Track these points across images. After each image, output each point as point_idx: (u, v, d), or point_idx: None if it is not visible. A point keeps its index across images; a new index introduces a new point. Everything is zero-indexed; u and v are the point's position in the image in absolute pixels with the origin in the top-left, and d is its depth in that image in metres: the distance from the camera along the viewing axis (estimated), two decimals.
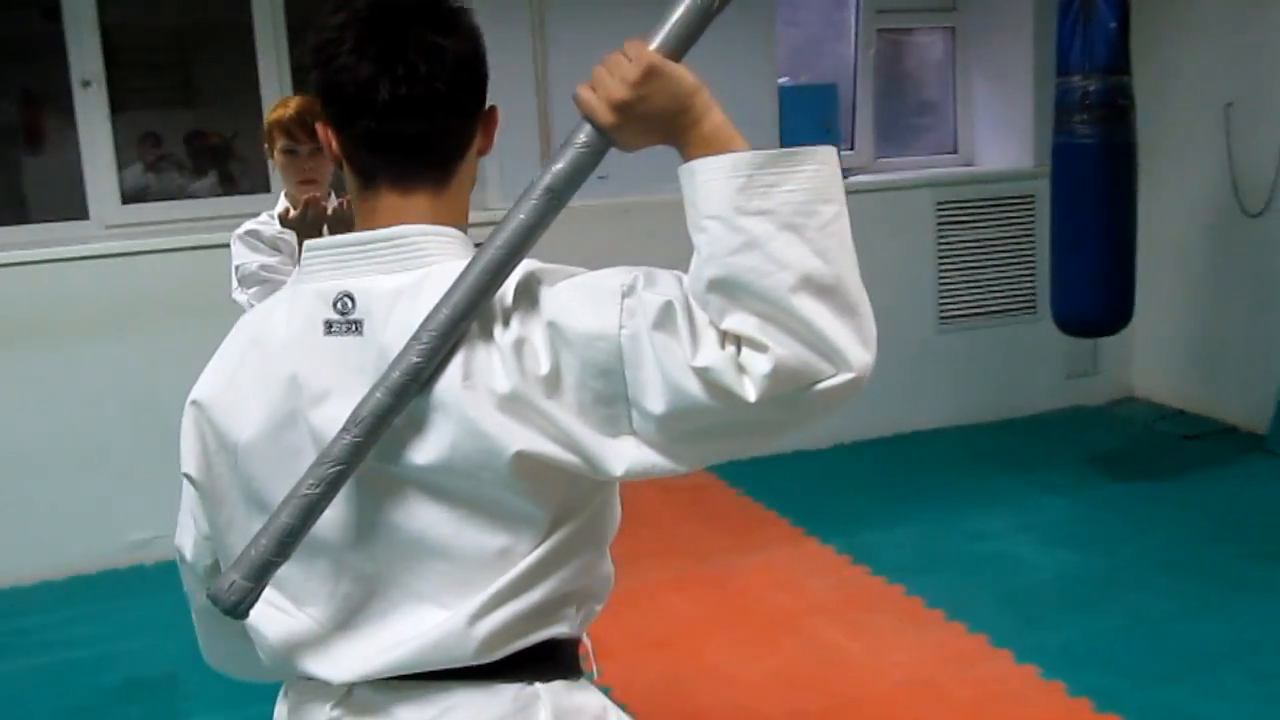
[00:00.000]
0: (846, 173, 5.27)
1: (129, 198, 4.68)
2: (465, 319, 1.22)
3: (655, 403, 1.19)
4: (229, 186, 5.05)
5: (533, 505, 1.26)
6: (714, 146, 1.21)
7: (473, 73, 1.34)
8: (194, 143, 5.11)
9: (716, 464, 4.82)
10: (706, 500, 4.77)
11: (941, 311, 5.50)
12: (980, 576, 3.89)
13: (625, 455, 1.22)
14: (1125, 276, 4.56)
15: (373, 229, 1.31)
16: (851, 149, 5.63)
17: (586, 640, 1.52)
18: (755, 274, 1.16)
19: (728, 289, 1.17)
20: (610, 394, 1.21)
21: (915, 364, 5.45)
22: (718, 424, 1.20)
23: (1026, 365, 5.64)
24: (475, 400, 1.22)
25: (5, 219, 4.59)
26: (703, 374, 1.16)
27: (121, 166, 4.66)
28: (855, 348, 1.17)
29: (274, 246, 2.77)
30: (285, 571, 1.29)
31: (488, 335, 1.23)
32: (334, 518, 1.28)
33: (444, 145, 1.34)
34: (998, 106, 5.74)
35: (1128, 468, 4.91)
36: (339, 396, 1.25)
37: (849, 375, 1.16)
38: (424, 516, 1.27)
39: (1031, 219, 5.52)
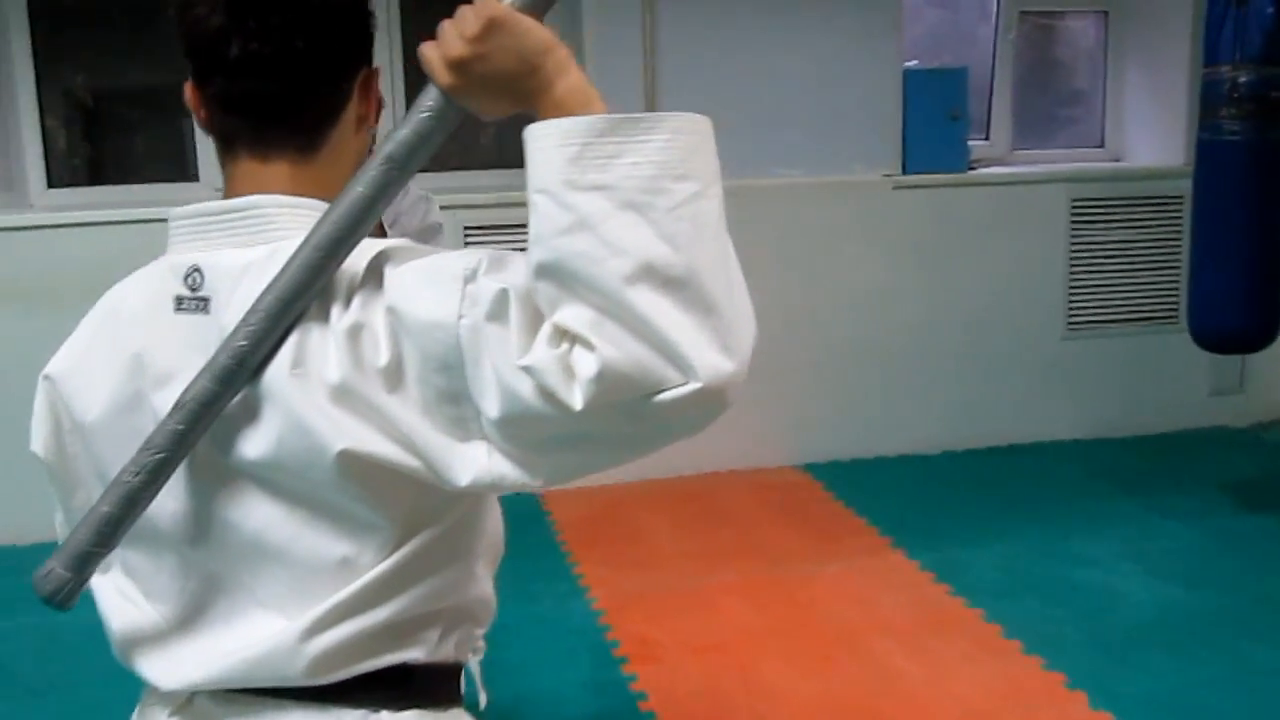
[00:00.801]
0: (975, 164, 4.97)
1: None
2: (296, 301, 1.10)
3: (491, 405, 1.03)
4: None
5: (371, 512, 1.13)
6: (567, 114, 1.03)
7: (340, 29, 1.21)
8: None
9: (801, 464, 4.51)
10: (795, 501, 4.56)
11: (1071, 317, 5.13)
12: (1070, 607, 3.58)
13: (473, 463, 1.06)
14: (1273, 287, 4.14)
15: (231, 198, 1.21)
16: (986, 139, 5.30)
17: (474, 665, 1.38)
18: (585, 259, 0.99)
19: (557, 276, 1.00)
20: (453, 391, 1.06)
21: (1038, 371, 5.11)
22: (561, 434, 1.03)
23: (1164, 379, 5.22)
24: (304, 391, 1.10)
25: None
26: (530, 375, 1.00)
27: None
28: (707, 352, 0.98)
29: None
30: (137, 563, 1.23)
31: (324, 319, 1.11)
32: (173, 510, 1.19)
33: (307, 109, 1.21)
34: (1150, 98, 5.31)
35: (1264, 499, 4.47)
36: (183, 378, 1.14)
37: (695, 386, 0.97)
38: (261, 515, 1.16)
39: (1179, 220, 5.10)
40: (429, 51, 1.09)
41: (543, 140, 1.02)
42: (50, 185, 4.71)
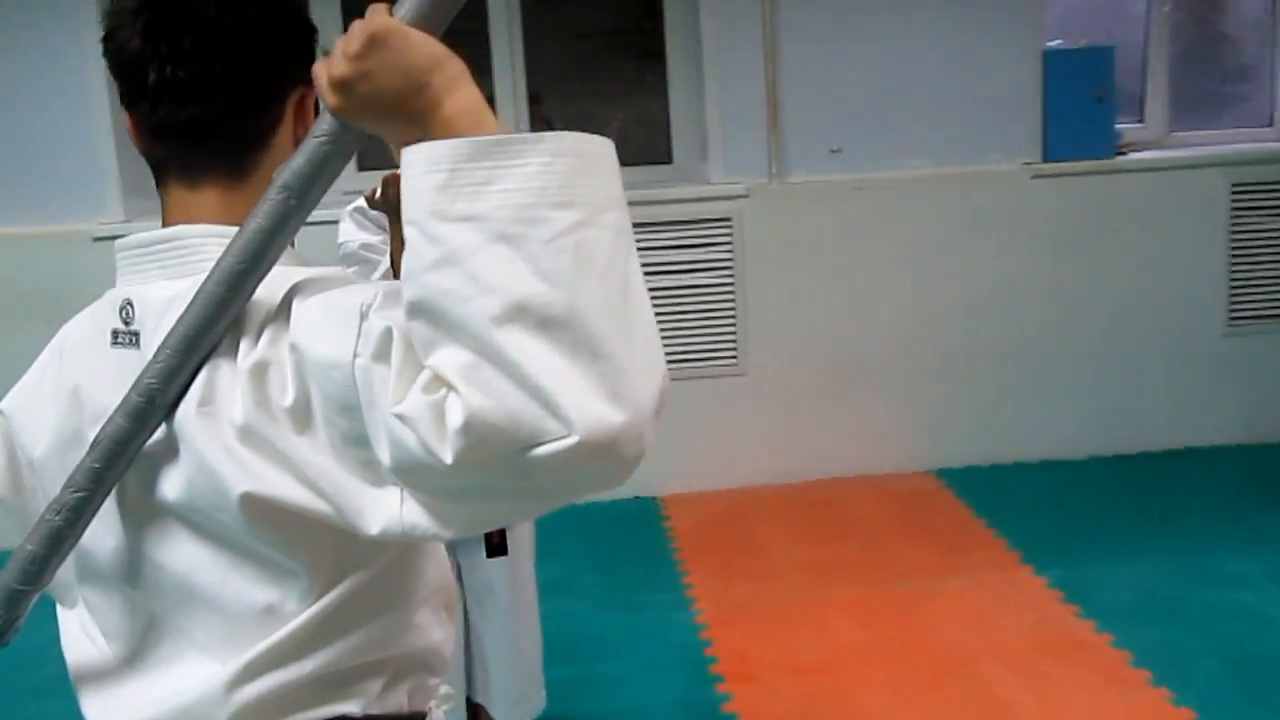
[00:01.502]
0: (1126, 148, 4.65)
1: None
2: (202, 337, 1.05)
3: (383, 453, 0.96)
4: None
5: (286, 558, 1.08)
6: (454, 135, 0.94)
7: (262, 51, 1.15)
8: None
9: (933, 469, 4.27)
10: (923, 509, 4.35)
11: (1233, 311, 4.74)
12: (1211, 635, 3.29)
13: (384, 511, 0.99)
14: None
15: (165, 227, 1.17)
16: (1141, 121, 4.94)
17: (438, 716, 1.30)
18: (453, 298, 0.89)
19: (428, 315, 0.91)
20: (357, 434, 0.99)
21: (1195, 370, 4.75)
22: (454, 486, 0.95)
23: None
24: (210, 430, 1.05)
25: None
26: (404, 424, 0.92)
27: None
28: (589, 402, 0.87)
29: (380, 225, 2.67)
30: (93, 600, 1.22)
31: (232, 356, 1.06)
32: (112, 547, 1.15)
33: (232, 134, 1.15)
34: None
35: None
36: None
37: (573, 440, 0.87)
38: (189, 557, 1.12)
39: None
40: (319, 71, 1.01)
41: (412, 166, 0.93)
42: None
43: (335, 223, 2.75)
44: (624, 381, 0.88)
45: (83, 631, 1.24)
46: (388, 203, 2.49)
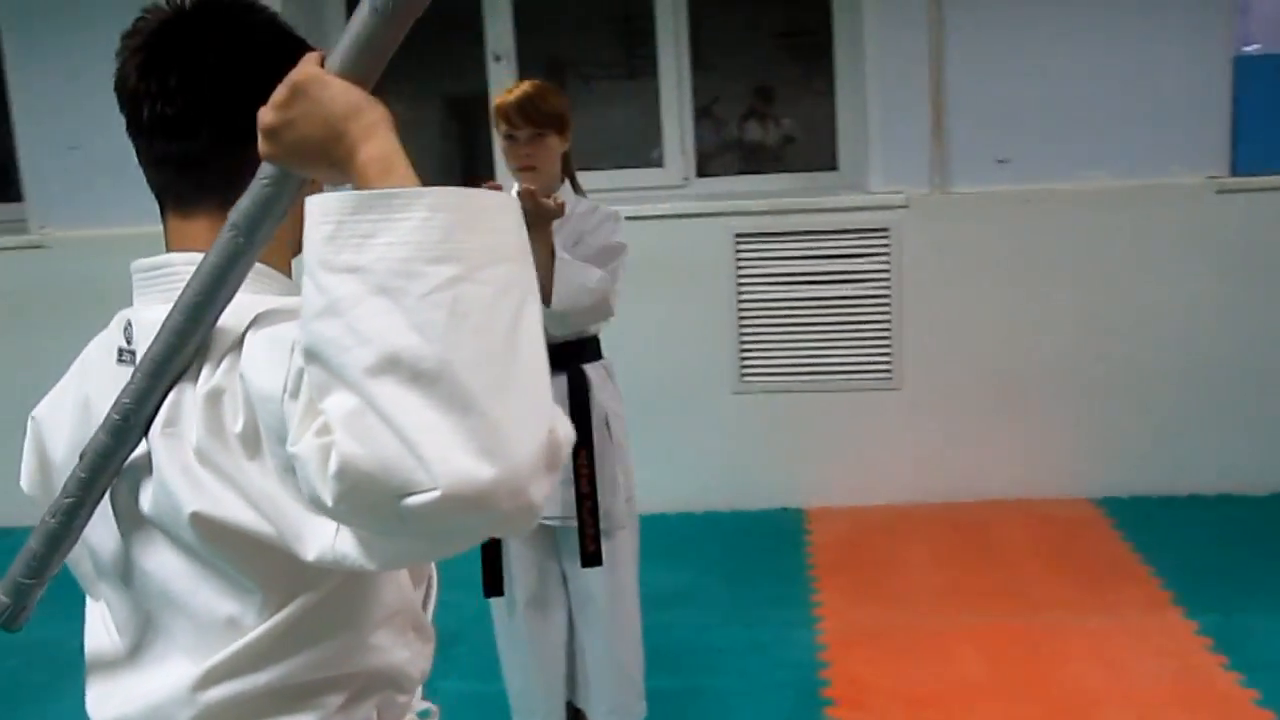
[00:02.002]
0: None
1: None
2: (168, 363, 1.12)
3: (301, 485, 0.99)
4: None
5: (239, 575, 1.14)
6: (364, 185, 0.97)
7: (247, 86, 1.16)
8: None
9: (1094, 497, 4.05)
10: (1075, 539, 4.15)
11: None
12: None
13: (320, 539, 1.03)
14: None
15: (165, 252, 1.25)
16: None
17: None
18: (335, 347, 0.92)
19: (317, 362, 0.94)
20: (290, 465, 1.02)
21: None
22: (355, 524, 0.98)
23: None
24: (172, 450, 1.12)
25: None
26: (298, 463, 0.96)
27: None
28: (456, 455, 0.88)
29: None
30: (106, 595, 1.29)
31: (194, 381, 1.12)
32: (111, 549, 1.24)
33: (219, 167, 1.20)
34: None
35: None
36: None
37: (436, 493, 0.88)
38: (168, 565, 1.19)
39: None
40: (259, 115, 1.05)
41: (308, 217, 0.96)
42: None
43: None
44: (496, 437, 0.88)
45: (102, 623, 1.32)
46: None
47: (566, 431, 0.96)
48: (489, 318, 0.91)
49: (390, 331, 0.89)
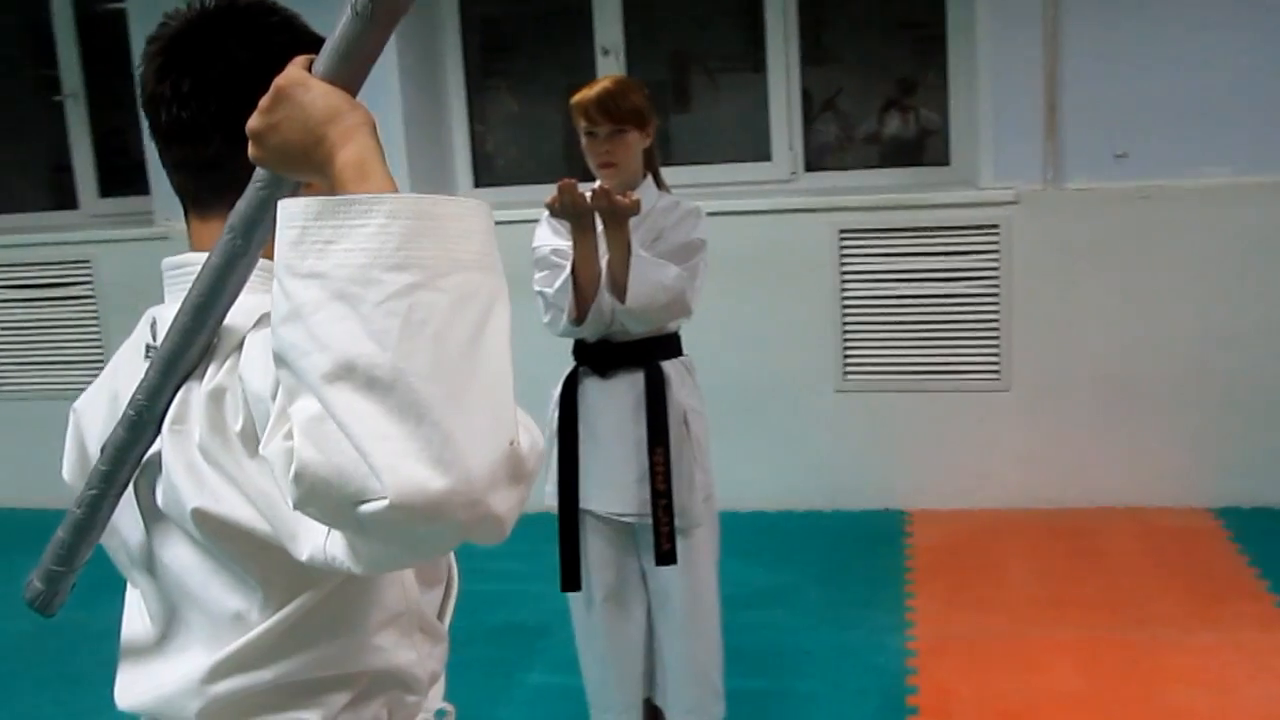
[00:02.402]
0: None
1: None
2: (176, 361, 1.15)
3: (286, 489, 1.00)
4: None
5: (243, 571, 1.16)
6: (340, 190, 0.97)
7: (259, 91, 1.17)
8: None
9: (1212, 507, 3.88)
10: (1188, 551, 3.99)
11: None
12: None
13: (312, 540, 1.04)
14: None
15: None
16: None
17: None
18: (296, 352, 0.92)
19: (283, 366, 0.95)
20: None
21: None
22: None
23: None
24: (178, 447, 1.15)
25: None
26: (269, 463, 0.99)
27: None
28: (407, 465, 0.87)
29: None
30: (140, 584, 1.32)
31: (200, 379, 1.15)
32: (136, 542, 1.27)
33: (231, 171, 1.20)
34: None
35: None
36: None
37: (385, 502, 0.87)
38: (184, 558, 1.22)
39: None
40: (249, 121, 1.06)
41: (278, 221, 0.96)
42: (476, 185, 5.15)
43: (529, 223, 2.82)
44: (449, 448, 0.88)
45: (138, 610, 1.35)
46: (564, 209, 2.54)
47: (533, 443, 0.95)
48: (446, 326, 0.90)
49: (347, 338, 0.89)
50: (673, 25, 5.19)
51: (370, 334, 0.89)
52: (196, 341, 1.13)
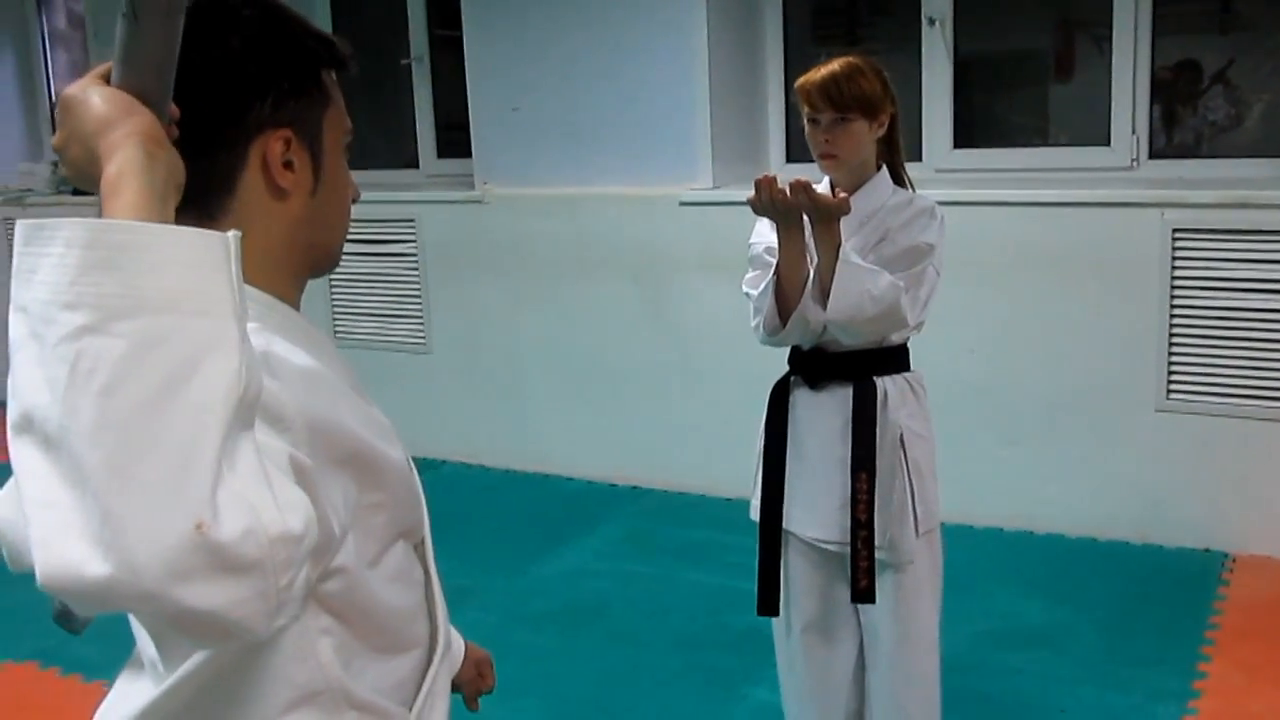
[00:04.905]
0: None
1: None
2: None
3: None
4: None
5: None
6: (103, 211, 0.87)
7: (214, 97, 1.08)
8: None
9: None
10: None
11: None
12: None
13: None
14: None
15: None
16: None
17: None
18: (4, 394, 0.84)
19: None
20: None
21: None
22: None
23: None
24: None
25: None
26: None
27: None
28: (62, 541, 0.77)
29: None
30: None
31: None
32: None
33: (193, 177, 1.11)
34: None
35: None
36: None
37: (38, 578, 0.78)
38: None
39: None
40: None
41: None
42: (788, 160, 4.94)
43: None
44: (107, 526, 0.75)
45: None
46: (765, 207, 2.31)
47: (250, 525, 0.78)
48: (117, 380, 0.77)
49: (29, 386, 0.80)
50: None
51: (47, 381, 0.78)
52: None
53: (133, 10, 0.88)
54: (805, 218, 2.30)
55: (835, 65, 2.42)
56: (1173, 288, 3.93)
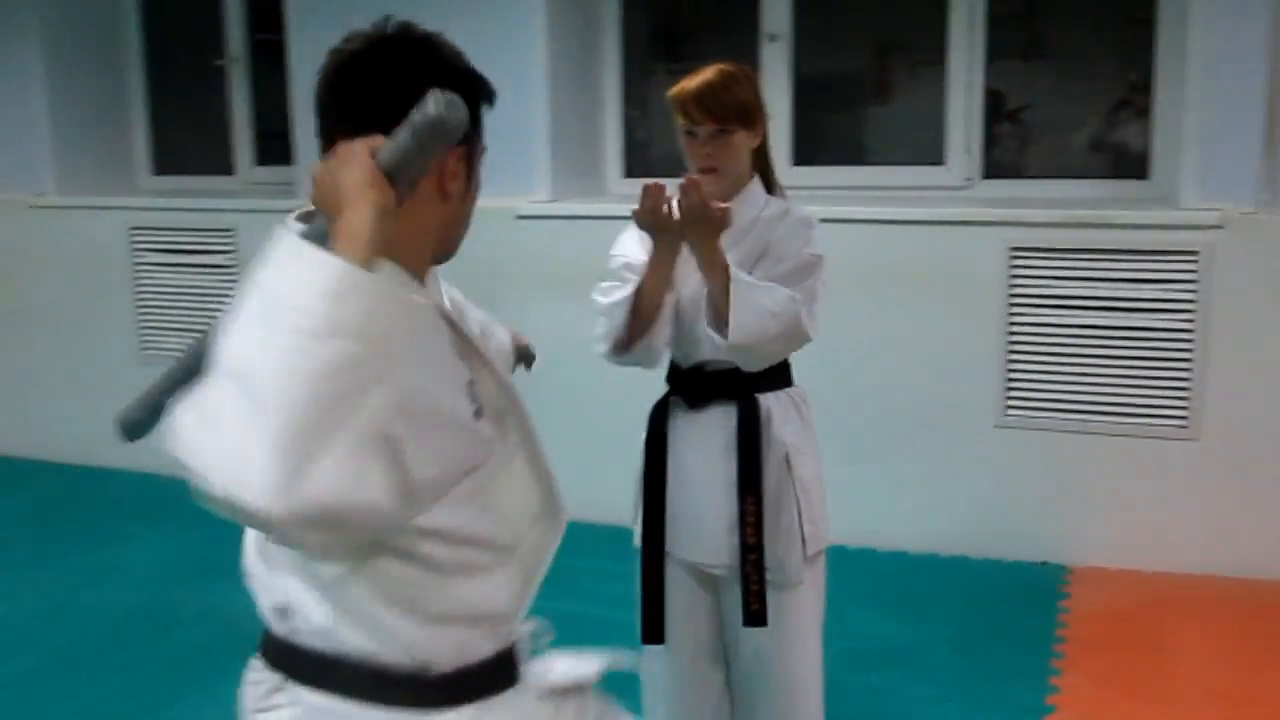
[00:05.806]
0: None
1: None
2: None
3: None
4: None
5: None
6: (340, 243, 1.16)
7: (401, 111, 1.22)
8: None
9: None
10: None
11: None
12: None
13: None
14: None
15: None
16: None
17: None
18: None
19: None
20: None
21: None
22: None
23: None
24: None
25: None
26: None
27: None
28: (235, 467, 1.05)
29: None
30: None
31: None
32: None
33: None
34: None
35: None
36: None
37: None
38: None
39: None
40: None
41: None
42: (627, 175, 4.85)
43: (607, 219, 2.49)
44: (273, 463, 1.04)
45: None
46: (645, 215, 2.21)
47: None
48: (313, 377, 1.06)
49: (243, 348, 1.09)
50: (853, 9, 4.76)
51: (262, 353, 1.07)
52: None
53: (417, 141, 1.16)
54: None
55: (709, 74, 2.32)
56: (1010, 306, 4.01)
